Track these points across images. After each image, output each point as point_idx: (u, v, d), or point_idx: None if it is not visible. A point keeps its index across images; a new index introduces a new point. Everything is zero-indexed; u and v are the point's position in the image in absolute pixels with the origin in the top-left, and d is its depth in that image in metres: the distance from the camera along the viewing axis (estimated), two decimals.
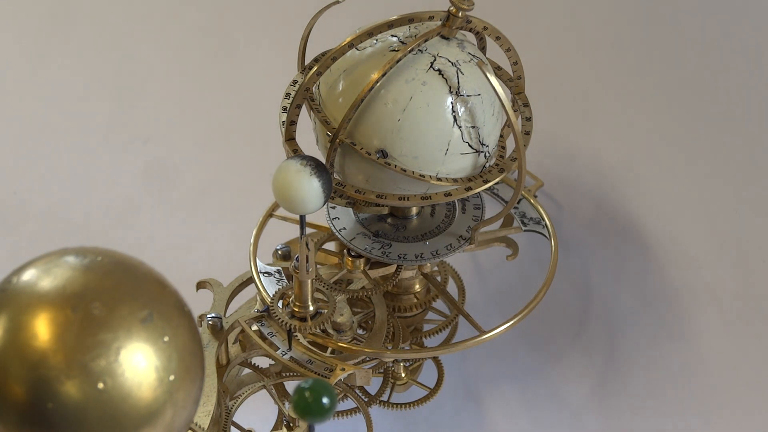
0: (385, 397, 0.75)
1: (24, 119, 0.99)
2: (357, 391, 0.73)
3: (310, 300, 0.65)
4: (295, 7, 0.80)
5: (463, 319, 0.70)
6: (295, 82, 0.69)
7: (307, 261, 0.62)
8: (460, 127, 0.62)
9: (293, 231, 0.70)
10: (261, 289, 0.68)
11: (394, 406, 0.76)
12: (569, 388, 0.84)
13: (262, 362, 0.73)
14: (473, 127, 0.63)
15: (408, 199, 0.64)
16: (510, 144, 0.68)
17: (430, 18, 0.64)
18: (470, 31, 0.66)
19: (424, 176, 0.63)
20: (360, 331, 0.75)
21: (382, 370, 0.75)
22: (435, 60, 0.62)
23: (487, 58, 0.67)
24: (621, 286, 0.81)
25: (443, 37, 0.63)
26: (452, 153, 0.63)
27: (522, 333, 0.84)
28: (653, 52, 0.78)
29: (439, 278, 0.77)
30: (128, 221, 0.95)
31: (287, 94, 0.68)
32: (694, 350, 0.78)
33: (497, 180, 0.65)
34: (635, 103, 0.79)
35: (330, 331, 0.67)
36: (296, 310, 0.65)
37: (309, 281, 0.64)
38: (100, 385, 0.43)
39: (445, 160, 0.63)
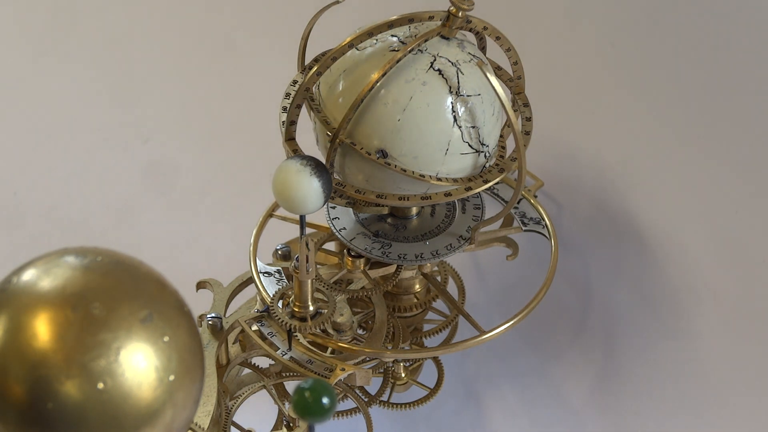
0: (385, 397, 0.75)
1: (24, 119, 0.99)
2: (357, 391, 0.73)
3: (310, 300, 0.65)
4: (295, 7, 0.80)
5: (463, 319, 0.70)
6: (295, 82, 0.69)
7: (307, 261, 0.62)
8: (460, 127, 0.62)
9: (293, 231, 0.70)
10: (261, 289, 0.68)
11: (394, 406, 0.76)
12: (569, 388, 0.84)
13: (262, 362, 0.73)
14: (473, 127, 0.63)
15: (408, 199, 0.64)
16: (510, 144, 0.68)
17: (430, 18, 0.64)
18: (470, 31, 0.66)
19: (424, 176, 0.63)
20: (360, 331, 0.75)
21: (382, 370, 0.75)
22: (435, 60, 0.62)
23: (487, 58, 0.67)
24: (621, 286, 0.81)
25: (443, 37, 0.63)
26: (452, 153, 0.63)
27: (522, 333, 0.84)
28: (653, 51, 0.78)
29: (439, 278, 0.77)
30: (128, 221, 0.95)
31: (287, 94, 0.68)
32: (694, 350, 0.78)
33: (497, 180, 0.65)
34: (635, 102, 0.79)
35: (330, 331, 0.67)
36: (296, 310, 0.65)
37: (309, 281, 0.64)
38: (100, 385, 0.43)
39: (445, 160, 0.63)
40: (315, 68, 0.63)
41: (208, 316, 0.69)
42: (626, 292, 0.81)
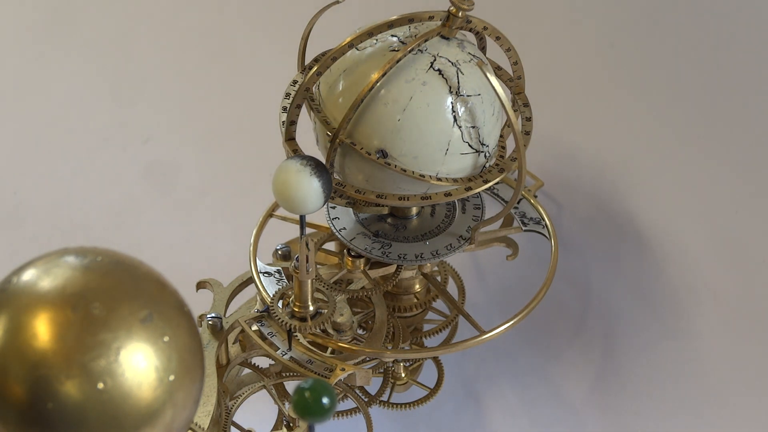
0: (385, 397, 0.75)
1: (24, 119, 0.99)
2: (357, 391, 0.73)
3: (310, 300, 0.65)
4: (295, 7, 0.80)
5: (463, 319, 0.70)
6: (295, 82, 0.69)
7: (307, 261, 0.62)
8: (460, 127, 0.62)
9: (293, 231, 0.70)
10: (261, 289, 0.68)
11: (394, 406, 0.76)
12: (569, 388, 0.84)
13: (262, 362, 0.73)
14: (473, 127, 0.63)
15: (408, 199, 0.64)
16: (510, 144, 0.68)
17: (430, 18, 0.64)
18: (470, 31, 0.66)
19: (424, 176, 0.63)
20: (360, 331, 0.75)
21: (382, 370, 0.75)
22: (435, 60, 0.62)
23: (487, 58, 0.67)
24: (621, 286, 0.81)
25: (443, 37, 0.63)
26: (452, 153, 0.63)
27: (522, 332, 0.84)
28: (653, 51, 0.78)
29: (439, 278, 0.77)
30: (128, 221, 0.95)
31: (287, 94, 0.68)
32: (694, 350, 0.78)
33: (497, 180, 0.65)
34: (635, 102, 0.79)
35: (330, 331, 0.67)
36: (296, 310, 0.65)
37: (309, 281, 0.64)
38: (100, 385, 0.43)
39: (445, 160, 0.63)
40: (315, 68, 0.63)
41: (208, 316, 0.69)
42: (626, 292, 0.81)
